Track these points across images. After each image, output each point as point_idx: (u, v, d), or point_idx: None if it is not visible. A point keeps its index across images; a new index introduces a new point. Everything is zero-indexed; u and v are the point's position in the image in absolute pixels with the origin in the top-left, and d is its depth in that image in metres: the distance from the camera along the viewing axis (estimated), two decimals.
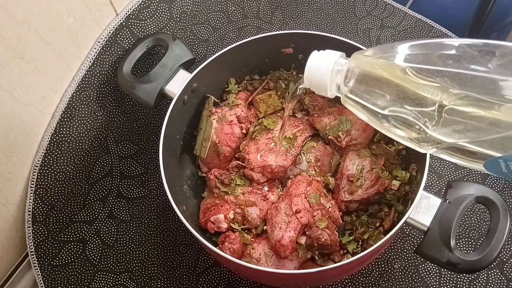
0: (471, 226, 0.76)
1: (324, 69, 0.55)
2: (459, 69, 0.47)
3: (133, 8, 0.79)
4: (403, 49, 0.51)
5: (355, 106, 0.54)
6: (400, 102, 0.49)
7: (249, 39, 0.74)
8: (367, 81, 0.52)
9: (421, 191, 0.61)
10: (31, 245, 0.76)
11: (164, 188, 0.64)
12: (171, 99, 0.72)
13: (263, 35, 0.74)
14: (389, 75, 0.50)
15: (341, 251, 0.70)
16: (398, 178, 0.70)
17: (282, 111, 0.81)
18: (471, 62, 0.46)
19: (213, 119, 0.76)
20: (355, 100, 0.53)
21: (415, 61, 0.49)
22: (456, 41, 0.48)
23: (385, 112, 0.50)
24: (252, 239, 0.69)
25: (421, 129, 0.48)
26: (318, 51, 0.58)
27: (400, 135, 0.52)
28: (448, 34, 0.90)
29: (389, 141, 0.75)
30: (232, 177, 0.75)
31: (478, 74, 0.46)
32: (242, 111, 0.77)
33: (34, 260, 0.76)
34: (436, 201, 0.61)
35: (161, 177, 0.65)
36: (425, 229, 0.60)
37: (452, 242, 0.58)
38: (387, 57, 0.51)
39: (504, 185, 0.78)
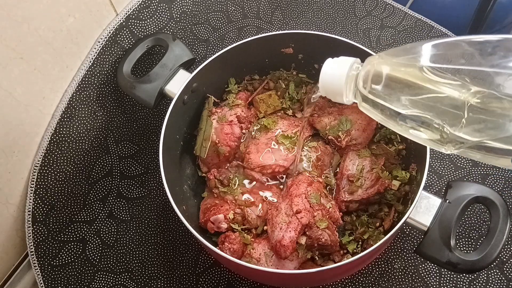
0: (471, 226, 0.76)
1: (338, 76, 0.55)
2: (479, 67, 0.46)
3: (133, 8, 0.79)
4: (423, 49, 0.50)
5: (372, 110, 0.54)
6: (420, 103, 0.49)
7: (249, 39, 0.74)
8: (384, 84, 0.51)
9: (421, 191, 0.61)
10: (31, 245, 0.76)
11: (164, 188, 0.64)
12: (171, 99, 0.72)
13: (263, 35, 0.74)
14: (406, 76, 0.50)
15: (341, 251, 0.70)
16: (398, 178, 0.70)
17: (282, 111, 0.81)
18: (490, 59, 0.46)
19: (213, 119, 0.76)
20: (372, 104, 0.53)
21: (435, 61, 0.49)
22: (475, 38, 0.48)
23: (405, 114, 0.50)
24: (252, 239, 0.69)
25: (443, 130, 0.48)
26: (332, 58, 0.57)
27: (421, 137, 0.51)
28: (448, 34, 0.90)
29: (389, 141, 0.75)
30: (232, 177, 0.75)
31: (498, 71, 0.45)
32: (242, 111, 0.77)
33: (34, 260, 0.76)
34: (436, 201, 0.61)
35: (161, 177, 0.65)
36: (425, 229, 0.60)
37: (452, 242, 0.58)
38: (405, 59, 0.51)
39: (504, 185, 0.78)
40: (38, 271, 0.76)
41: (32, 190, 0.74)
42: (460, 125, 0.47)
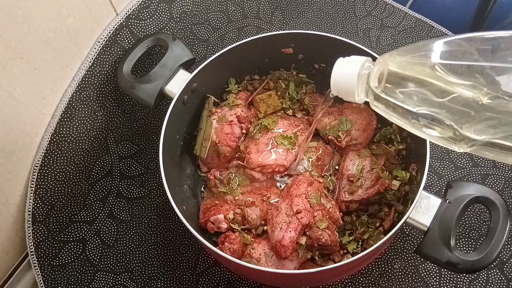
0: (471, 226, 0.76)
1: (350, 75, 0.55)
2: (492, 63, 0.46)
3: (133, 8, 0.79)
4: (434, 47, 0.50)
5: (385, 109, 0.53)
6: (432, 101, 0.49)
7: (249, 39, 0.74)
8: (397, 82, 0.51)
9: (421, 191, 0.61)
10: (31, 245, 0.76)
11: (164, 188, 0.64)
12: (171, 99, 0.72)
13: (263, 35, 0.74)
14: (418, 74, 0.49)
15: (341, 251, 0.70)
16: (398, 178, 0.70)
17: (282, 111, 0.81)
18: (503, 55, 0.46)
19: (213, 119, 0.76)
20: (385, 103, 0.53)
21: (447, 58, 0.48)
22: (488, 35, 0.47)
23: (417, 112, 0.50)
24: (252, 239, 0.69)
25: (455, 128, 0.48)
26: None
27: (434, 135, 0.51)
28: (448, 34, 0.90)
29: (389, 141, 0.75)
30: (231, 177, 0.75)
31: (508, 66, 0.45)
32: (242, 111, 0.77)
33: (34, 260, 0.76)
34: (436, 201, 0.61)
35: (161, 177, 0.65)
36: (425, 229, 0.60)
37: (452, 242, 0.58)
38: (417, 57, 0.50)
39: (504, 185, 0.78)
40: (38, 271, 0.76)
41: (32, 190, 0.74)
42: (472, 124, 0.47)
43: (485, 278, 0.72)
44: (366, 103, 0.57)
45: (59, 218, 0.78)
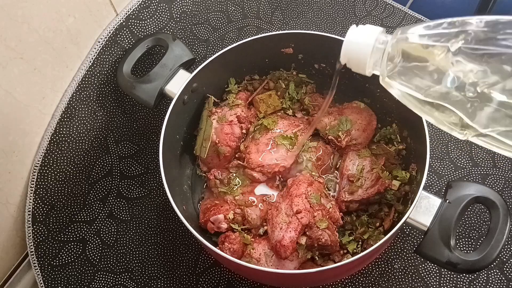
0: (471, 226, 0.76)
1: (364, 45, 0.51)
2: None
3: (133, 8, 0.79)
4: (459, 26, 0.46)
5: (395, 87, 0.51)
6: (442, 85, 0.46)
7: (249, 39, 0.74)
8: (409, 61, 0.48)
9: (421, 191, 0.61)
10: (31, 245, 0.76)
11: (164, 188, 0.64)
12: (171, 99, 0.72)
13: (263, 35, 0.74)
14: (429, 55, 0.47)
15: (341, 251, 0.70)
16: (398, 178, 0.70)
17: (282, 111, 0.81)
18: None
19: (213, 119, 0.76)
20: (395, 80, 0.50)
21: (470, 42, 0.45)
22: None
23: (426, 94, 0.47)
24: (252, 239, 0.69)
25: (464, 118, 0.45)
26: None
27: (440, 120, 0.48)
28: None
29: (389, 141, 0.75)
30: (232, 176, 0.75)
31: None
32: (242, 111, 0.77)
33: (34, 260, 0.76)
34: (436, 201, 0.61)
35: (161, 177, 0.65)
36: (425, 229, 0.60)
37: (452, 242, 0.58)
38: (436, 35, 0.47)
39: (504, 185, 0.78)
40: (38, 271, 0.76)
41: (32, 190, 0.74)
42: (481, 113, 0.45)
43: (485, 278, 0.72)
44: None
45: (59, 218, 0.78)
